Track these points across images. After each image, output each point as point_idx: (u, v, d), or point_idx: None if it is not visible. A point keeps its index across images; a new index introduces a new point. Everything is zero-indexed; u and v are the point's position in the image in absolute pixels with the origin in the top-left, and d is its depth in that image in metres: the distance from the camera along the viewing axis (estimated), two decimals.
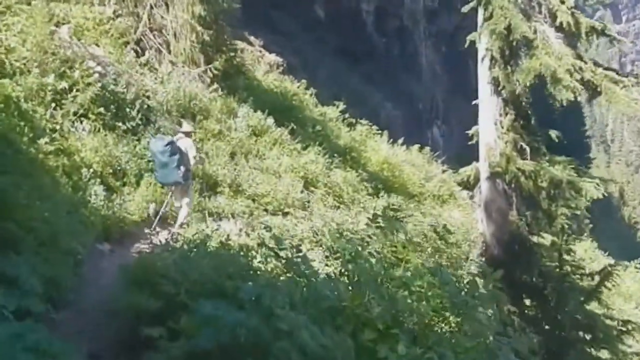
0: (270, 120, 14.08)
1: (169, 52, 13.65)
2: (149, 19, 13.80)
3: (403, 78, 48.44)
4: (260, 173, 12.27)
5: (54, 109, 9.31)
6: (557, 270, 10.06)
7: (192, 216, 9.69)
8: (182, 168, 9.02)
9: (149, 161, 10.16)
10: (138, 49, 13.67)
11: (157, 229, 9.25)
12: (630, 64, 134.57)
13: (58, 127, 9.08)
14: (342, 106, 20.63)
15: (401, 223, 6.50)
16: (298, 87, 19.69)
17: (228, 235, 7.56)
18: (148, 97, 11.81)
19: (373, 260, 4.87)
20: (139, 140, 10.54)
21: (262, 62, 22.86)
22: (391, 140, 21.06)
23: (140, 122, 10.86)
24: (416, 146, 23.24)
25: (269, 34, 30.13)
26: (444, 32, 57.49)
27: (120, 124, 10.33)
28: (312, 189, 13.00)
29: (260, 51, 25.93)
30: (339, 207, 12.91)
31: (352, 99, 23.73)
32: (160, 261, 5.13)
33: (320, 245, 9.90)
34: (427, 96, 54.25)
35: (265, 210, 11.48)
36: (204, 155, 10.48)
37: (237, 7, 15.82)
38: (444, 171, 21.44)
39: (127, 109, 10.65)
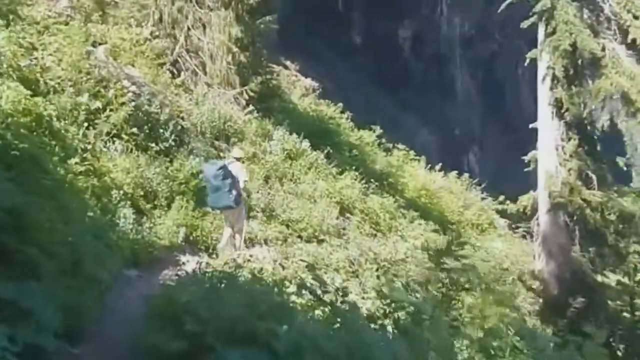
0: (306, 144, 13.71)
1: (205, 74, 13.46)
2: (186, 41, 13.65)
3: (439, 104, 47.95)
4: (294, 198, 11.89)
5: (87, 128, 9.09)
6: (628, 315, 9.04)
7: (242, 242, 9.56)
8: (234, 192, 8.97)
9: (182, 184, 9.90)
10: (174, 70, 13.51)
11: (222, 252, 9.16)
12: None
13: (90, 146, 8.85)
14: (378, 131, 20.22)
15: (471, 264, 5.90)
16: (334, 111, 19.32)
17: (261, 269, 7.13)
18: (182, 118, 11.58)
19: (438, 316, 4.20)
20: (171, 161, 10.28)
21: (297, 86, 22.67)
22: (428, 166, 20.56)
23: (173, 143, 10.60)
24: (453, 173, 22.63)
25: (304, 59, 30.04)
26: (480, 59, 57.01)
27: (153, 144, 10.08)
28: (348, 215, 12.55)
29: (296, 75, 25.78)
30: (375, 235, 12.42)
31: (387, 124, 23.31)
32: (186, 295, 4.72)
33: (357, 276, 9.43)
34: (462, 122, 53.53)
35: (300, 236, 11.07)
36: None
37: (274, 29, 15.62)
38: (482, 199, 20.75)
39: (161, 130, 10.41)
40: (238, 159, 9.64)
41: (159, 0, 13.45)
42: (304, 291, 7.79)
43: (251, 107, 13.28)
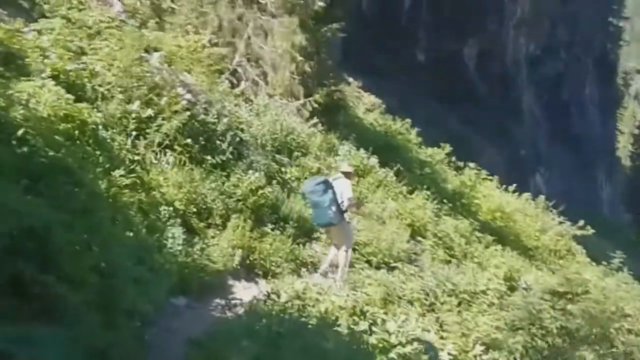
0: (374, 160, 12.62)
1: (266, 84, 12.59)
2: (246, 49, 12.83)
3: (504, 123, 46.72)
4: (362, 218, 10.77)
5: (136, 138, 8.25)
6: None
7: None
8: (333, 208, 8.56)
9: (240, 200, 8.97)
10: (233, 79, 12.72)
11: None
12: None
13: (139, 158, 7.99)
14: (447, 148, 18.96)
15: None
16: (401, 127, 18.18)
17: (326, 310, 6.05)
18: (242, 130, 10.66)
19: None
20: (228, 176, 9.33)
21: (360, 103, 21.70)
22: (500, 186, 19.11)
23: (231, 156, 9.67)
24: (526, 194, 21.01)
25: (367, 75, 29.19)
26: (546, 79, 55.33)
27: (208, 157, 9.16)
28: (420, 238, 11.35)
29: (359, 92, 24.86)
30: (449, 262, 11.16)
31: (452, 143, 22.10)
32: (237, 342, 3.69)
33: (433, 310, 8.20)
34: (528, 142, 52.07)
35: (368, 261, 9.93)
36: (363, 201, 10.02)
37: (339, 43, 14.65)
38: (560, 222, 19.06)
39: (218, 142, 9.50)
40: (346, 175, 9.17)
41: (219, 6, 12.68)
42: (376, 329, 6.70)
43: (315, 120, 12.28)
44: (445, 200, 13.21)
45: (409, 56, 42.77)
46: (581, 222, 18.66)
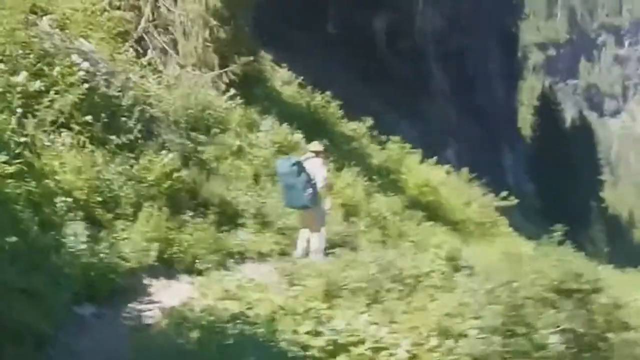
0: (299, 136, 11.64)
1: (177, 53, 11.26)
2: (153, 13, 11.41)
3: (416, 98, 47.01)
4: None
5: (24, 116, 6.84)
6: None
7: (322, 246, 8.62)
8: (310, 190, 8.22)
9: (153, 185, 7.76)
10: (139, 48, 11.30)
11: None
12: (634, 87, 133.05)
13: (27, 140, 6.60)
14: (369, 122, 18.27)
15: None
16: (322, 100, 17.20)
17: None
18: (150, 105, 9.35)
19: None
20: (137, 158, 8.06)
21: (275, 77, 20.52)
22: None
23: (139, 135, 8.39)
24: (447, 166, 20.78)
25: (278, 49, 28.02)
26: (451, 54, 56.15)
27: (113, 137, 7.85)
28: (353, 219, 10.53)
29: (272, 66, 23.66)
30: (385, 242, 10.43)
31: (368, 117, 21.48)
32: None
33: (378, 300, 7.37)
34: (439, 116, 52.78)
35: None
36: (333, 178, 9.49)
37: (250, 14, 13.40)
38: (483, 194, 18.93)
39: (123, 118, 8.19)
40: (317, 154, 8.80)
41: None
42: (322, 328, 5.81)
43: (233, 92, 11.08)
44: (374, 177, 12.45)
45: (321, 30, 41.99)
46: (504, 193, 18.64)
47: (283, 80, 19.09)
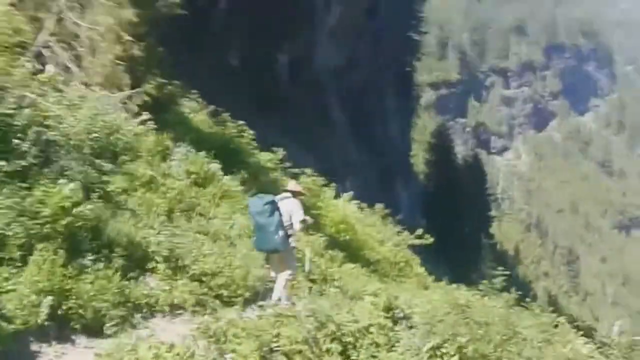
0: (216, 165, 10.58)
1: (81, 70, 9.93)
2: (57, 26, 10.03)
3: (317, 131, 47.10)
4: (207, 239, 8.72)
5: None
6: None
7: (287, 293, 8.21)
8: (281, 232, 7.83)
9: (48, 223, 6.45)
10: (36, 64, 9.87)
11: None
12: (519, 126, 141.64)
13: None
14: (281, 153, 17.42)
15: None
16: (235, 130, 16.14)
17: None
18: (48, 127, 8.00)
19: None
20: (30, 188, 6.74)
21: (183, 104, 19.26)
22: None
23: (34, 161, 7.08)
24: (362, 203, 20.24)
25: (181, 77, 26.80)
26: (351, 89, 57.03)
27: (2, 162, 6.53)
28: None
29: (181, 93, 22.43)
30: (310, 289, 9.54)
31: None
32: None
33: None
34: (339, 150, 53.18)
35: (217, 296, 7.92)
36: (309, 219, 8.79)
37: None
38: (398, 232, 18.52)
39: (15, 140, 6.86)
40: (294, 194, 8.43)
41: None
42: None
43: (146, 116, 9.86)
44: None
45: (223, 60, 41.12)
46: (419, 231, 18.31)
47: (191, 108, 17.90)
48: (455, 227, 62.00)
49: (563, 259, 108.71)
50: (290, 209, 8.13)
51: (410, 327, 7.79)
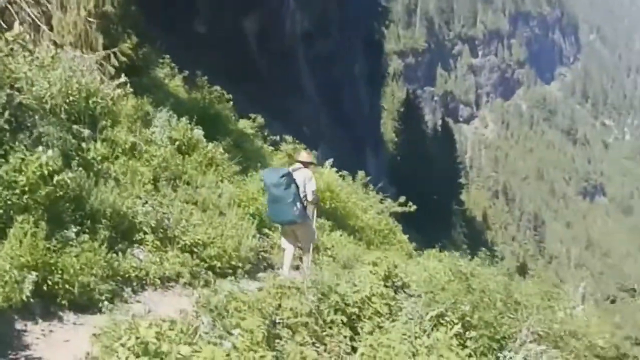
0: (199, 132, 10.01)
1: (51, 29, 9.20)
2: None
3: (287, 101, 46.52)
4: (195, 209, 8.22)
5: None
6: None
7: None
8: (299, 204, 7.70)
9: (26, 193, 5.88)
10: (2, 22, 9.12)
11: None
12: (486, 95, 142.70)
13: None
14: (259, 120, 16.92)
15: None
16: (212, 95, 15.45)
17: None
18: (19, 90, 7.35)
19: None
20: (5, 156, 6.14)
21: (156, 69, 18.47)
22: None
23: (7, 127, 6.46)
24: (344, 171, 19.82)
25: (148, 45, 25.88)
26: (319, 57, 56.42)
27: None
28: (266, 230, 9.14)
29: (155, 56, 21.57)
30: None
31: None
32: None
33: (321, 339, 6.06)
34: (310, 119, 52.75)
35: (210, 268, 7.46)
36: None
37: None
38: (381, 200, 18.19)
39: None
40: (306, 165, 8.27)
41: None
42: None
43: (123, 79, 9.18)
44: None
45: (190, 27, 40.01)
46: (402, 198, 18.03)
47: (165, 73, 17.15)
48: (425, 194, 62.24)
49: (529, 224, 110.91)
50: (303, 180, 7.98)
51: (410, 296, 7.54)
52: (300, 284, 6.44)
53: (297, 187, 7.78)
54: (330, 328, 6.23)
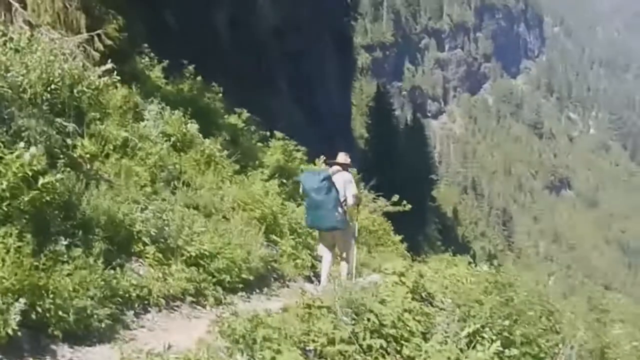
0: (194, 126, 8.97)
1: (25, 8, 8.07)
2: None
3: (261, 95, 45.56)
4: (197, 214, 7.22)
5: None
6: None
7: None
8: (340, 210, 7.27)
9: (7, 198, 4.82)
10: None
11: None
12: (453, 90, 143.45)
13: None
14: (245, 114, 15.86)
15: None
16: (195, 87, 14.30)
17: None
18: None
19: None
20: None
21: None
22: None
23: None
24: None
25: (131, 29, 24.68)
26: (290, 53, 55.61)
27: None
28: (274, 237, 8.19)
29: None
30: (313, 267, 8.25)
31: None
32: None
33: None
34: (285, 115, 51.86)
35: (219, 283, 6.48)
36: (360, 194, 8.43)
37: None
38: (374, 199, 17.34)
39: None
40: (344, 167, 7.83)
41: None
42: None
43: (109, 65, 8.06)
44: (284, 181, 10.14)
45: (159, 18, 38.73)
46: (396, 197, 17.25)
47: (144, 63, 15.94)
48: (399, 190, 61.46)
49: (498, 219, 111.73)
50: (343, 183, 7.51)
51: (441, 309, 6.70)
52: (330, 301, 5.51)
53: (337, 191, 7.27)
54: (367, 353, 5.34)
